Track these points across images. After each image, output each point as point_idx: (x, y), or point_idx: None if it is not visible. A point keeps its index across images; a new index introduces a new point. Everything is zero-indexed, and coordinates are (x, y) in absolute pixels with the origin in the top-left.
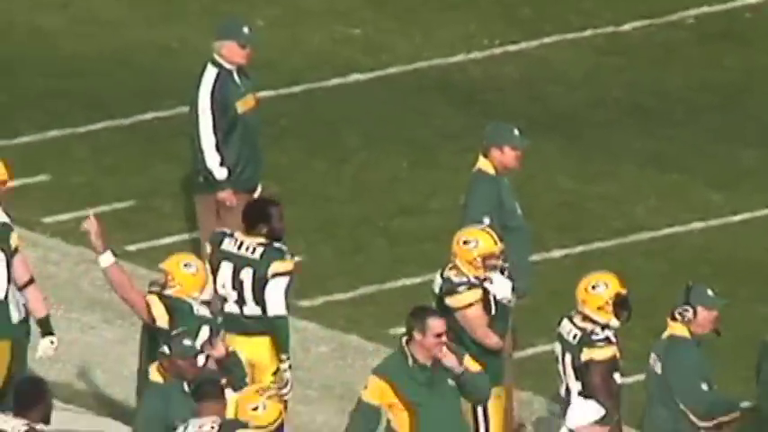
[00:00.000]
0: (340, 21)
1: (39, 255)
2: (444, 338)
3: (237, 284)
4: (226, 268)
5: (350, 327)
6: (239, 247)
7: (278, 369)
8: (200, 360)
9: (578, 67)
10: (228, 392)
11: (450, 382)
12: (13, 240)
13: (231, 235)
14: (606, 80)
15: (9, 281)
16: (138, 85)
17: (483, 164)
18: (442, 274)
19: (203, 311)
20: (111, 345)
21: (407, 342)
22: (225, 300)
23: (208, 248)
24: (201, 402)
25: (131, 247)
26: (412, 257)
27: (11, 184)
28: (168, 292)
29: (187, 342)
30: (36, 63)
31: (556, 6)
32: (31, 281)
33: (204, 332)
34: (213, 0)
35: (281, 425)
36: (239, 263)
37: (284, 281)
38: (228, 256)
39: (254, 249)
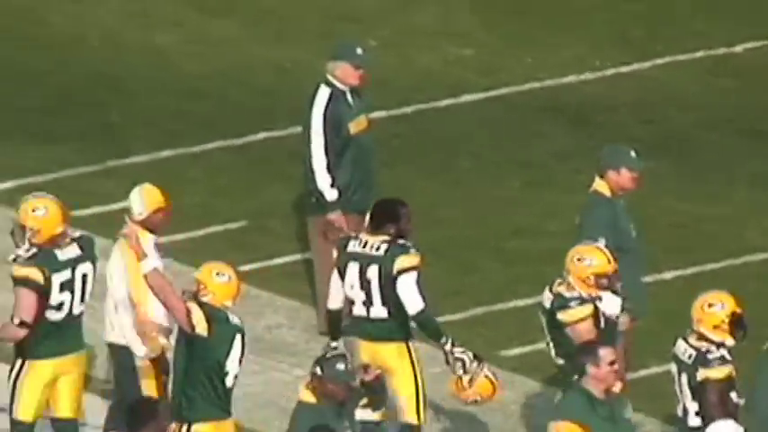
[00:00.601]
0: (452, 41)
1: None
2: (616, 366)
3: (365, 284)
4: (352, 269)
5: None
6: (364, 246)
7: (447, 355)
8: (354, 384)
9: (691, 87)
10: (367, 413)
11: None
12: None
13: (356, 237)
14: (719, 101)
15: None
16: (252, 105)
17: (599, 185)
18: (551, 289)
19: (236, 320)
20: None
21: (580, 380)
22: (353, 303)
23: (334, 254)
24: None
25: (244, 268)
26: (525, 278)
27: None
28: (201, 300)
29: (340, 366)
30: (149, 83)
31: (668, 28)
32: None
33: (237, 341)
34: (326, 20)
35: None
36: (365, 261)
37: (413, 276)
38: (354, 257)
39: (379, 247)
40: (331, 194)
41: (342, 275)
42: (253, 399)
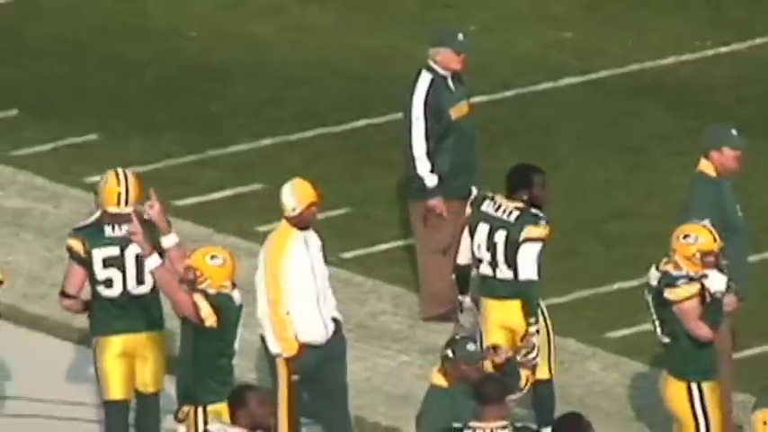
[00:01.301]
0: (551, 25)
1: (253, 263)
2: None
3: (491, 246)
4: (482, 229)
5: (566, 331)
6: (497, 210)
7: (526, 333)
8: (484, 364)
9: None
10: None
11: None
12: None
13: (492, 198)
14: None
15: None
16: (350, 92)
17: (704, 166)
18: (657, 268)
19: (238, 297)
20: None
21: None
22: (480, 261)
23: (467, 209)
24: (485, 405)
25: (347, 255)
26: (627, 261)
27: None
28: (201, 287)
29: (471, 347)
30: (249, 72)
31: (766, 7)
32: None
33: (242, 317)
34: (424, 6)
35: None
36: (495, 224)
37: (537, 246)
38: (486, 217)
39: (511, 212)
40: (431, 180)
41: (472, 233)
42: (357, 385)
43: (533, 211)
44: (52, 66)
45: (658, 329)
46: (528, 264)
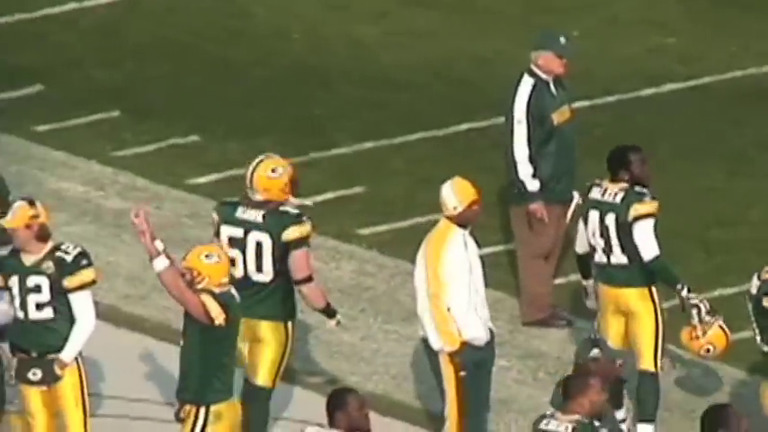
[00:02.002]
0: (654, 30)
1: (355, 267)
2: None
3: (604, 232)
4: (593, 216)
5: (666, 336)
6: (603, 194)
7: (683, 301)
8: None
9: None
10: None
11: None
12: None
13: (599, 184)
14: None
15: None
16: (454, 96)
17: None
18: (759, 276)
19: (237, 295)
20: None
21: None
22: (594, 250)
23: (580, 201)
24: (565, 399)
25: None
26: (729, 268)
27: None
28: (204, 287)
29: (595, 351)
30: (352, 75)
31: None
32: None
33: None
34: (528, 11)
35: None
36: (604, 209)
37: (649, 223)
38: (595, 204)
39: (616, 194)
40: (533, 185)
41: (585, 222)
42: None
43: (636, 188)
44: (153, 67)
45: (758, 337)
46: (647, 242)
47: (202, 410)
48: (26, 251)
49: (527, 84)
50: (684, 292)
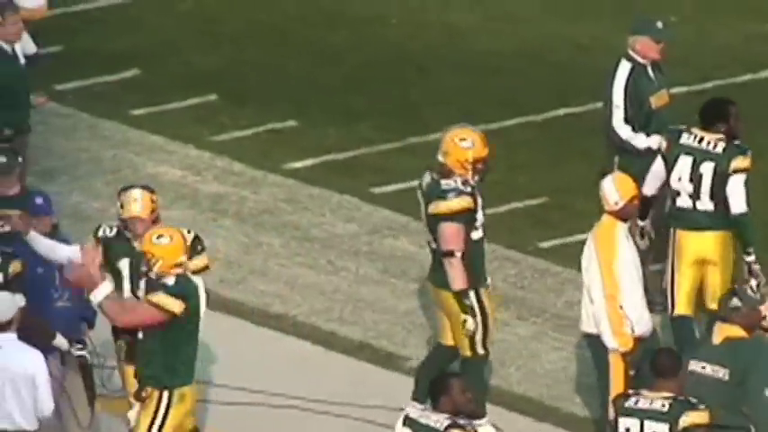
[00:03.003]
0: (752, 17)
1: None
2: None
3: (695, 178)
4: (684, 161)
5: None
6: (699, 142)
7: (749, 265)
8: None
9: None
10: None
11: None
12: None
13: (689, 131)
14: None
15: None
16: (551, 82)
17: None
18: None
19: (198, 281)
20: (525, 342)
21: None
22: (678, 194)
23: (663, 143)
24: (657, 377)
25: (544, 244)
26: None
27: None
28: (157, 277)
29: (750, 293)
30: (449, 61)
31: None
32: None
33: (203, 295)
34: None
35: None
36: (699, 156)
37: (743, 177)
38: (688, 150)
39: (716, 144)
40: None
41: (669, 166)
42: (554, 375)
43: (736, 141)
44: (250, 52)
45: None
46: (739, 196)
47: (165, 393)
48: (141, 237)
49: (624, 68)
50: (752, 258)
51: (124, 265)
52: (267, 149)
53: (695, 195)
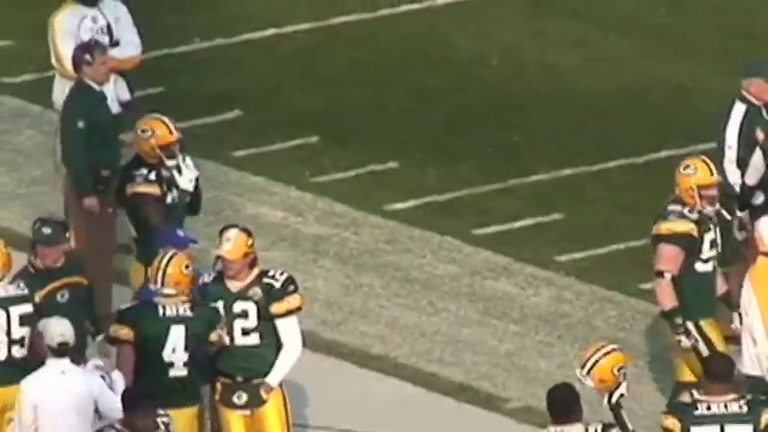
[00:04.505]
0: None
1: (553, 294)
2: None
3: None
4: None
5: None
6: None
7: None
8: None
9: None
10: None
11: None
12: None
13: None
14: None
15: None
16: (651, 122)
17: None
18: None
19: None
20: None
21: None
22: None
23: (761, 135)
24: (712, 381)
25: (645, 286)
26: None
27: None
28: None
29: None
30: (550, 101)
31: None
32: None
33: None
34: (727, 37)
35: None
36: None
37: None
38: None
39: None
40: (757, 198)
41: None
42: (654, 417)
43: None
44: (351, 93)
45: None
46: None
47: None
48: (235, 279)
49: (738, 110)
50: None
51: (218, 307)
52: (368, 191)
53: None
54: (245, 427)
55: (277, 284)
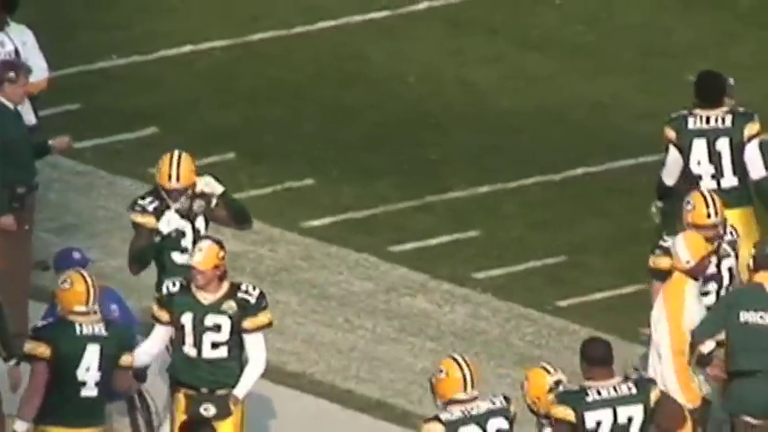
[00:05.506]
0: None
1: (469, 311)
2: None
3: (714, 157)
4: (699, 145)
5: None
6: (707, 122)
7: None
8: None
9: None
10: None
11: None
12: None
13: (692, 114)
14: None
15: None
16: (570, 140)
17: None
18: None
19: (85, 326)
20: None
21: None
22: (699, 178)
23: (670, 133)
24: (591, 367)
25: (562, 303)
26: None
27: None
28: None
29: None
30: (467, 119)
31: None
32: None
33: None
34: (644, 55)
35: None
36: (712, 135)
37: (757, 142)
38: (699, 133)
39: (724, 119)
40: None
41: (684, 154)
42: None
43: (740, 109)
44: (268, 110)
45: None
46: (758, 161)
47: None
48: (204, 290)
49: None
50: None
51: (187, 319)
52: (284, 207)
53: (718, 174)
54: None
55: (252, 300)
